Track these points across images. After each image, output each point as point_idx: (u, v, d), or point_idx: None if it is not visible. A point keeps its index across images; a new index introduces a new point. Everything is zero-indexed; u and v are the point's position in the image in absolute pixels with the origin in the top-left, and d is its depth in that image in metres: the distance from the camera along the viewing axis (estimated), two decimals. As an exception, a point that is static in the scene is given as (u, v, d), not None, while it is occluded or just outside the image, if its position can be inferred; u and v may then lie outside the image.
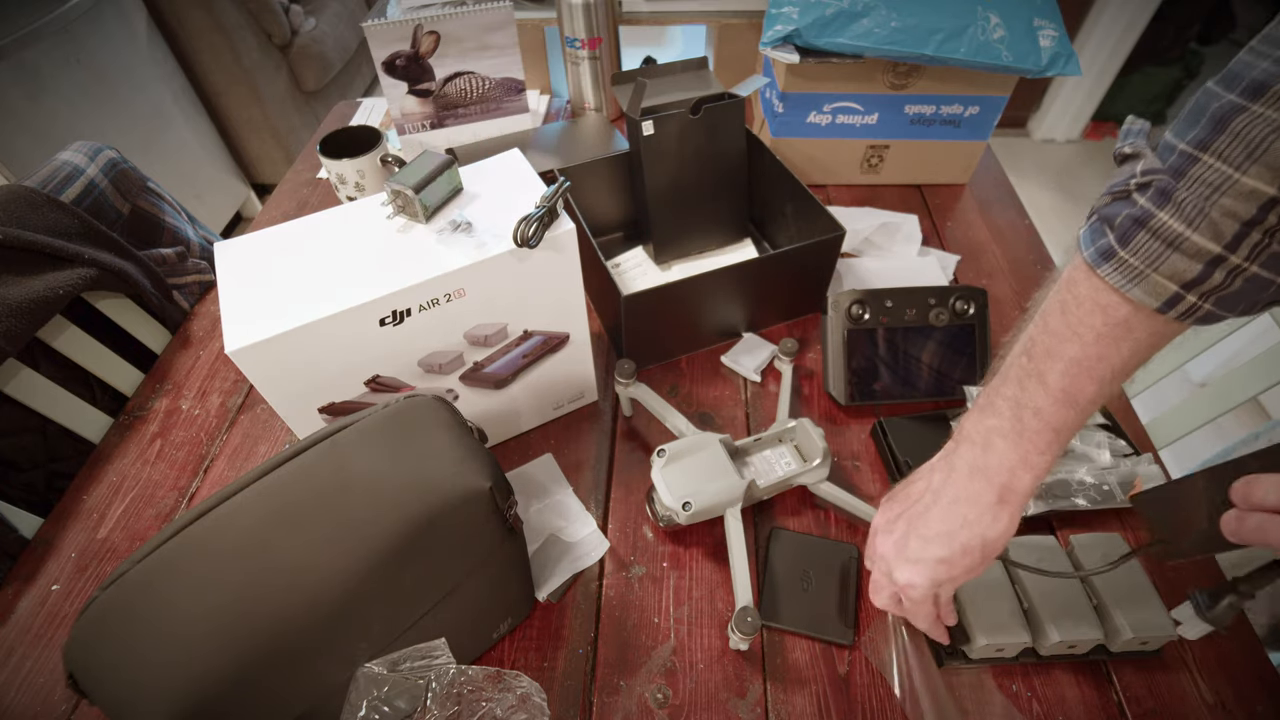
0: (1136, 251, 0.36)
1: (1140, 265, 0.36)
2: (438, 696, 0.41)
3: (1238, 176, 0.32)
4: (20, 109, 1.42)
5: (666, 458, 0.57)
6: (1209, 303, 0.36)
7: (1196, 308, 0.36)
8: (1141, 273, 0.36)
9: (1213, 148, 0.33)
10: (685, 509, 0.54)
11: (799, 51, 0.80)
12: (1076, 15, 2.14)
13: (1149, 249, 0.36)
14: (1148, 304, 0.37)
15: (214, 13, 1.77)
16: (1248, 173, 0.32)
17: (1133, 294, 0.37)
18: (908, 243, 0.86)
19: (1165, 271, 0.36)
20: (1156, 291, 0.36)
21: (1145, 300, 0.37)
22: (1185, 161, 0.34)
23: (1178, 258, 0.35)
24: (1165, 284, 0.36)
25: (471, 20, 0.90)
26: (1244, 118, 0.32)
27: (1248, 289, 0.35)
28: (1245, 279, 0.35)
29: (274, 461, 0.40)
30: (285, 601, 0.36)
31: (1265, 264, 0.34)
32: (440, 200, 0.54)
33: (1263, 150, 0.31)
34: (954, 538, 0.43)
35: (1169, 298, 0.36)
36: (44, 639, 0.55)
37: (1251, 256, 0.34)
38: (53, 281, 0.65)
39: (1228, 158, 0.32)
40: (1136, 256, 0.36)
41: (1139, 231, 0.36)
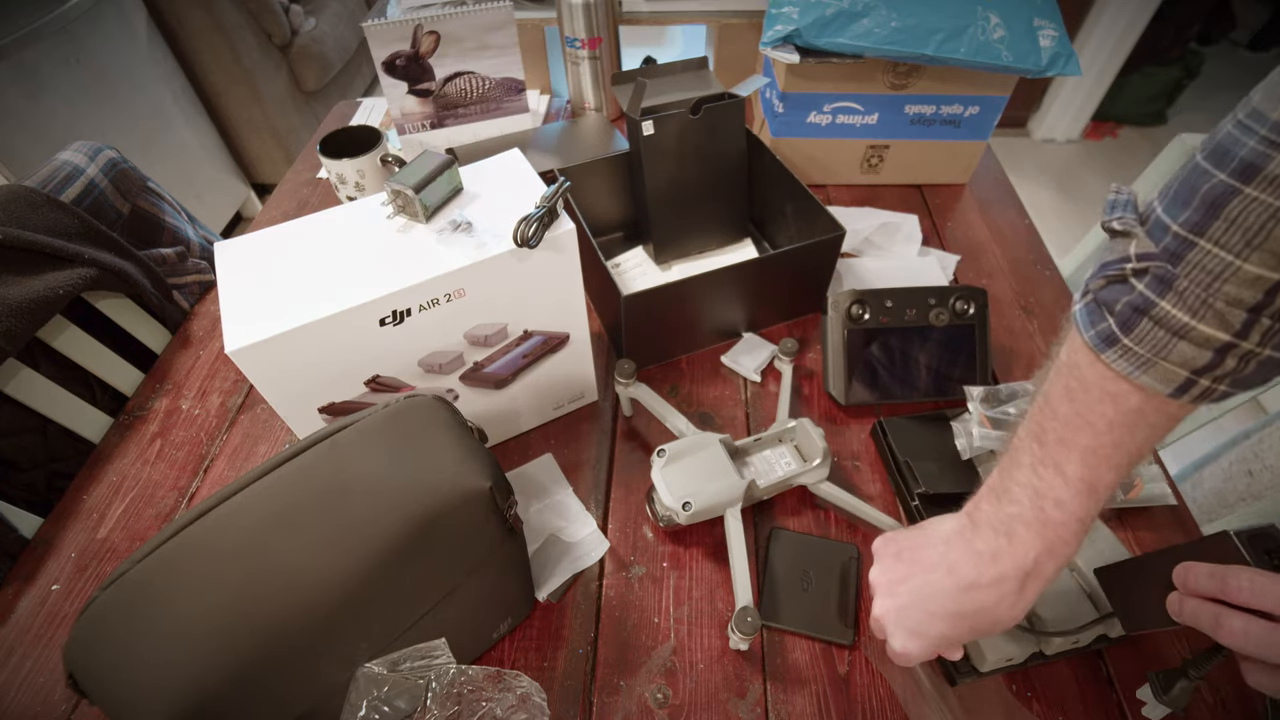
0: (1141, 340, 0.35)
1: (1146, 354, 0.35)
2: (438, 696, 0.41)
3: (1239, 264, 0.31)
4: (20, 109, 1.42)
5: (666, 458, 0.57)
6: (1225, 385, 0.35)
7: (1211, 390, 0.36)
8: (1149, 360, 0.35)
9: (1208, 233, 0.32)
10: (685, 509, 0.54)
11: (799, 51, 0.80)
12: (1076, 15, 2.14)
13: (1154, 338, 0.35)
14: (1159, 390, 0.36)
15: (214, 13, 1.78)
16: (1249, 260, 0.31)
17: (1142, 381, 0.36)
18: (908, 242, 0.86)
19: (1174, 360, 0.35)
20: (1168, 378, 0.35)
21: (1157, 387, 0.36)
22: (1182, 246, 0.33)
23: (1185, 346, 0.34)
24: (1176, 370, 0.35)
25: (471, 20, 0.90)
26: (1239, 201, 0.31)
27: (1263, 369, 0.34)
28: (1259, 362, 0.34)
29: (274, 461, 0.40)
30: (285, 601, 0.36)
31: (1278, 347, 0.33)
32: (440, 200, 0.54)
33: (1264, 237, 0.30)
34: (964, 619, 0.42)
35: (1181, 383, 0.35)
36: (44, 639, 0.56)
37: (1264, 341, 0.33)
38: (53, 281, 0.65)
39: (1226, 245, 0.32)
40: (1142, 345, 0.35)
41: (1141, 319, 0.35)
